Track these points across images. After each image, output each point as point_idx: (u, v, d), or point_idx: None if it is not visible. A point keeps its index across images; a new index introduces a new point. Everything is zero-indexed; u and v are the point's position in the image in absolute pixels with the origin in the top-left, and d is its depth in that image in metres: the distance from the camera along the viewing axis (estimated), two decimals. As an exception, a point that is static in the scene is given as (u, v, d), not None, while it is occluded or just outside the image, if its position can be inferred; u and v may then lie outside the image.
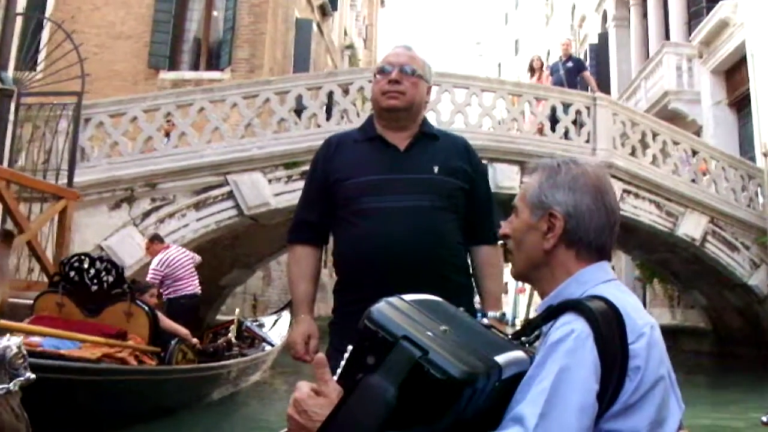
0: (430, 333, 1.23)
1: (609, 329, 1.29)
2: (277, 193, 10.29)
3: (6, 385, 1.93)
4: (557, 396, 1.23)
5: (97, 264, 6.42)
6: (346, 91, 10.67)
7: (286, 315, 13.43)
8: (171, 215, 10.05)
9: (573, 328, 1.29)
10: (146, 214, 10.06)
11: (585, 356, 1.26)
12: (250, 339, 10.92)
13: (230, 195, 10.20)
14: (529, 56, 14.77)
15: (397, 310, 1.27)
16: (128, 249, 9.88)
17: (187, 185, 10.16)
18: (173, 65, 16.12)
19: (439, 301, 1.39)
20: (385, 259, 2.36)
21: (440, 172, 2.48)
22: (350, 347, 1.28)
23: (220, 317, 13.41)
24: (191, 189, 10.18)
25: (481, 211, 2.62)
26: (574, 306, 1.33)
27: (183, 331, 6.99)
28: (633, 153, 11.95)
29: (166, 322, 6.78)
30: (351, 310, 2.20)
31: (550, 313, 1.37)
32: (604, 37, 24.86)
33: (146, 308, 6.41)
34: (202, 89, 10.61)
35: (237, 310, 8.22)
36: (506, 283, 37.64)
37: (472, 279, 2.64)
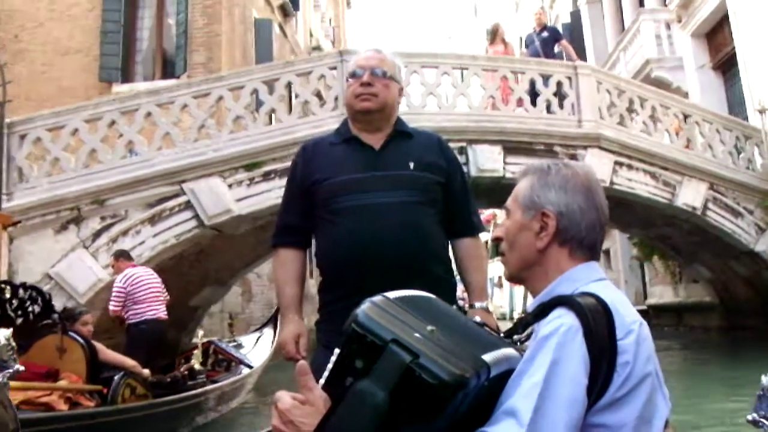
0: (417, 335, 1.21)
1: (598, 324, 1.31)
2: (239, 198, 9.37)
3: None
4: (549, 389, 1.23)
5: (21, 292, 5.48)
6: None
7: (268, 331, 12.53)
8: (124, 233, 9.10)
9: (563, 322, 1.30)
10: (96, 234, 9.10)
11: (575, 350, 1.27)
12: (226, 362, 9.99)
13: (188, 205, 9.26)
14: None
15: (382, 311, 1.26)
16: (80, 274, 8.93)
17: (139, 198, 9.21)
18: (126, 77, 15.14)
19: (425, 298, 1.39)
20: (366, 256, 2.40)
21: (416, 167, 2.54)
22: (336, 351, 1.24)
23: (197, 341, 12.46)
24: (144, 202, 9.23)
25: (459, 204, 2.67)
26: (564, 301, 1.35)
27: (129, 362, 6.05)
28: (621, 122, 11.11)
29: (108, 355, 5.85)
30: (336, 308, 2.39)
31: (542, 311, 1.39)
32: (576, 16, 24.04)
33: (81, 340, 5.49)
34: (147, 92, 9.66)
35: (200, 333, 7.32)
36: (500, 277, 36.98)
37: (455, 272, 2.67)
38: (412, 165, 2.55)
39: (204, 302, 12.06)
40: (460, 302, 4.03)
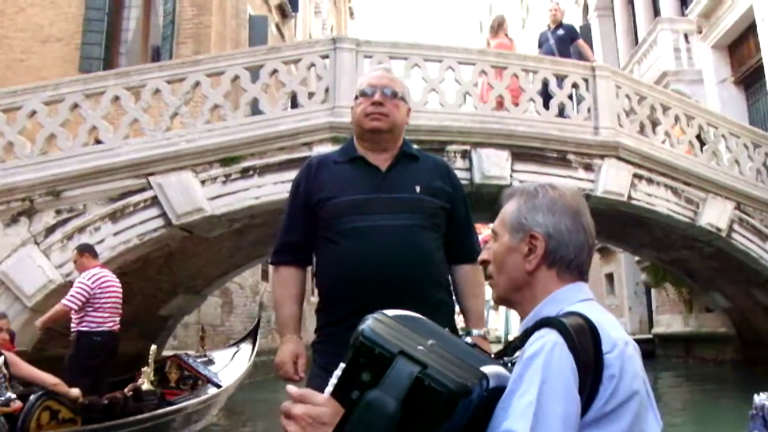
0: (421, 347, 1.25)
1: (583, 340, 1.30)
2: (212, 197, 8.31)
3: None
4: (543, 408, 1.23)
5: None
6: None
7: (246, 347, 11.49)
8: (81, 229, 8.03)
9: (546, 340, 1.30)
10: (50, 230, 8.03)
11: (563, 367, 1.27)
12: (192, 379, 8.89)
13: (154, 201, 8.20)
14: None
15: (386, 325, 1.29)
16: (29, 274, 7.86)
17: (101, 191, 8.15)
18: (109, 67, 14.10)
19: (417, 317, 1.40)
20: (369, 278, 2.38)
21: (422, 191, 2.54)
22: (342, 365, 1.27)
23: (168, 353, 11.37)
24: (106, 196, 8.16)
25: (461, 231, 2.68)
26: (548, 322, 1.35)
27: (50, 380, 4.96)
28: (642, 131, 10.08)
29: (23, 368, 4.80)
30: (335, 330, 2.43)
31: (528, 333, 1.38)
32: (586, 29, 22.92)
33: (-15, 350, 4.39)
34: (115, 73, 8.62)
35: (153, 347, 6.25)
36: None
37: (453, 297, 2.68)
38: (418, 189, 2.53)
39: (176, 312, 10.97)
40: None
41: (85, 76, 8.63)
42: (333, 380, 1.27)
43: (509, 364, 1.41)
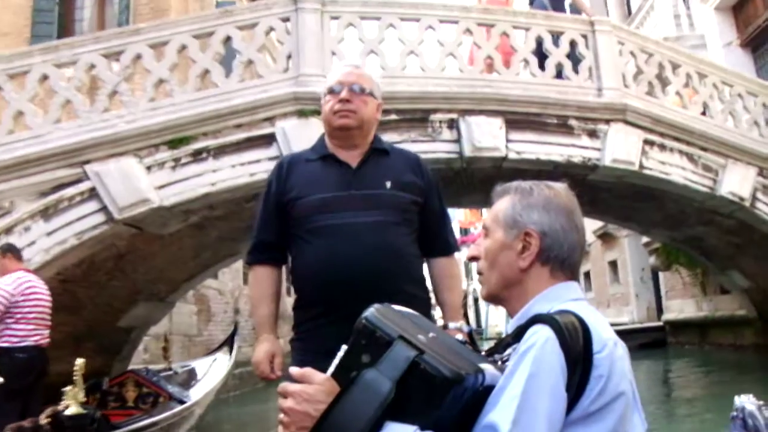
0: (421, 336, 1.30)
1: (574, 337, 1.32)
2: (160, 185, 7.13)
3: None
4: (527, 402, 1.25)
5: None
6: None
7: (222, 356, 10.33)
8: (8, 230, 6.82)
9: (539, 336, 1.32)
10: (-29, 233, 6.85)
11: (553, 363, 1.28)
12: (153, 396, 7.73)
13: (93, 194, 7.01)
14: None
15: (389, 313, 1.36)
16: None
17: (29, 185, 6.95)
18: (62, 62, 12.94)
19: (420, 315, 1.46)
20: (341, 276, 2.40)
21: (393, 187, 2.55)
22: (344, 347, 1.33)
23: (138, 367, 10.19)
24: (35, 190, 6.97)
25: (435, 224, 2.69)
26: (541, 319, 1.36)
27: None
28: (650, 93, 8.94)
29: None
30: (310, 326, 2.48)
31: (521, 331, 1.40)
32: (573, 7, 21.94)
33: None
34: (41, 48, 7.42)
35: (79, 361, 5.06)
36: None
37: (431, 291, 2.68)
38: (389, 184, 2.55)
39: (139, 322, 9.77)
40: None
41: (7, 54, 7.44)
42: (335, 361, 1.34)
43: (500, 362, 1.41)
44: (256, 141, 7.32)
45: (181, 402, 7.60)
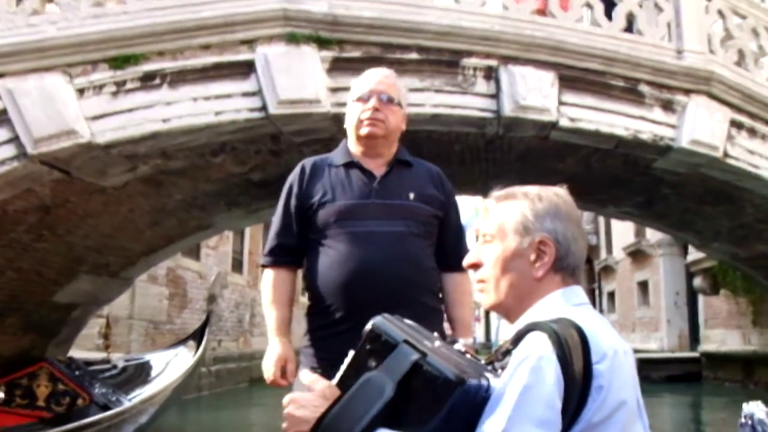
0: (427, 342, 1.32)
1: (572, 348, 1.30)
2: (95, 115, 5.33)
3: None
4: (519, 412, 1.24)
5: None
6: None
7: (185, 350, 8.53)
8: None
9: (535, 346, 1.30)
10: None
11: (548, 374, 1.27)
12: (70, 396, 5.93)
13: (2, 118, 5.24)
14: None
15: (396, 321, 1.38)
16: None
17: None
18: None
19: (423, 328, 1.45)
20: (361, 284, 2.42)
21: (416, 198, 2.58)
22: (351, 352, 1.36)
23: (84, 354, 8.41)
24: (-74, 110, 5.20)
25: (452, 239, 2.70)
26: (538, 327, 1.35)
27: None
28: (740, 63, 7.05)
29: None
30: (325, 334, 2.48)
31: (518, 337, 1.38)
32: None
33: None
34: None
35: None
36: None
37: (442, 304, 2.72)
38: (412, 195, 2.58)
39: (82, 299, 7.95)
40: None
41: None
42: (342, 367, 1.35)
43: (500, 369, 1.39)
44: (228, 69, 5.51)
45: (106, 408, 5.78)
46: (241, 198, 7.55)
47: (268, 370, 2.55)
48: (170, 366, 8.21)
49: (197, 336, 8.72)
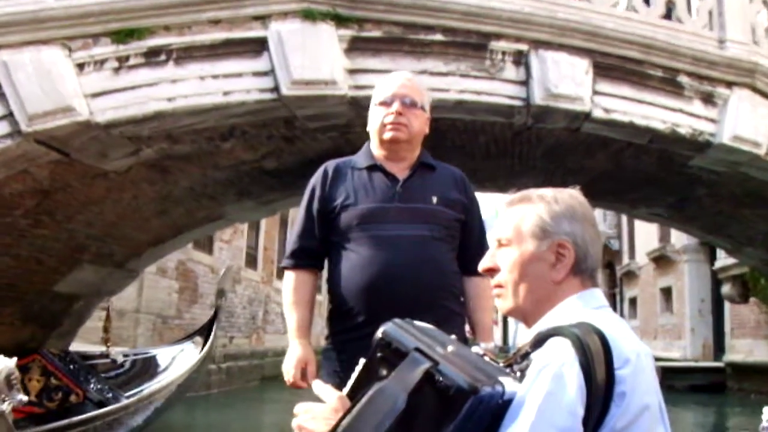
0: (439, 349, 1.28)
1: (595, 354, 1.29)
2: (95, 92, 4.98)
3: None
4: (542, 419, 1.22)
5: None
6: None
7: (191, 346, 8.21)
8: None
9: (558, 352, 1.28)
10: None
11: (570, 381, 1.25)
12: (63, 392, 5.59)
13: (-5, 93, 4.91)
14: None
15: (407, 327, 1.35)
16: None
17: None
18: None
19: (439, 331, 1.42)
20: (383, 288, 2.42)
21: (439, 202, 2.59)
22: (362, 360, 1.34)
23: (87, 348, 8.09)
24: None
25: (474, 243, 2.67)
26: (560, 332, 1.33)
27: None
28: (787, 56, 6.60)
29: None
30: (347, 338, 2.47)
31: (539, 341, 1.36)
32: None
33: None
34: None
35: None
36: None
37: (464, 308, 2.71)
38: (435, 199, 2.58)
39: (86, 290, 7.62)
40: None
41: None
42: (353, 375, 1.33)
43: (518, 372, 1.36)
44: (239, 46, 5.14)
45: (101, 405, 5.44)
46: (252, 188, 7.18)
47: (288, 372, 2.56)
48: (175, 362, 7.87)
49: (204, 332, 8.38)
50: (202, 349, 8.21)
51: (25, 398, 3.96)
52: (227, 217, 8.12)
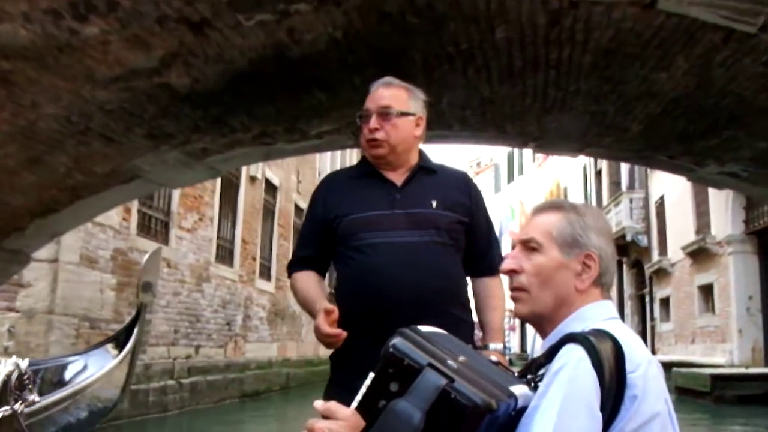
0: (451, 362, 1.28)
1: (607, 358, 1.31)
2: None
3: (9, 407, 2.22)
4: (563, 423, 1.24)
5: None
6: None
7: (103, 353, 6.06)
8: None
9: (572, 356, 1.31)
10: None
11: (586, 383, 1.28)
12: None
13: None
14: None
15: (417, 339, 1.32)
16: None
17: None
18: None
19: (449, 335, 1.45)
20: (384, 295, 2.40)
21: (438, 206, 2.55)
22: (371, 374, 1.30)
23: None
24: None
25: (482, 244, 2.68)
26: (574, 338, 1.36)
27: None
28: None
29: None
30: (351, 345, 2.38)
31: (553, 350, 1.39)
32: None
33: None
34: None
35: None
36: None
37: (473, 312, 2.69)
38: (434, 203, 2.55)
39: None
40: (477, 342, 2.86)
41: None
42: (362, 390, 1.29)
43: (533, 383, 1.41)
44: None
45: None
46: (167, 125, 4.91)
47: (318, 328, 2.39)
48: (75, 377, 5.70)
49: (120, 337, 6.21)
50: (119, 359, 6.04)
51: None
52: (145, 177, 5.78)
